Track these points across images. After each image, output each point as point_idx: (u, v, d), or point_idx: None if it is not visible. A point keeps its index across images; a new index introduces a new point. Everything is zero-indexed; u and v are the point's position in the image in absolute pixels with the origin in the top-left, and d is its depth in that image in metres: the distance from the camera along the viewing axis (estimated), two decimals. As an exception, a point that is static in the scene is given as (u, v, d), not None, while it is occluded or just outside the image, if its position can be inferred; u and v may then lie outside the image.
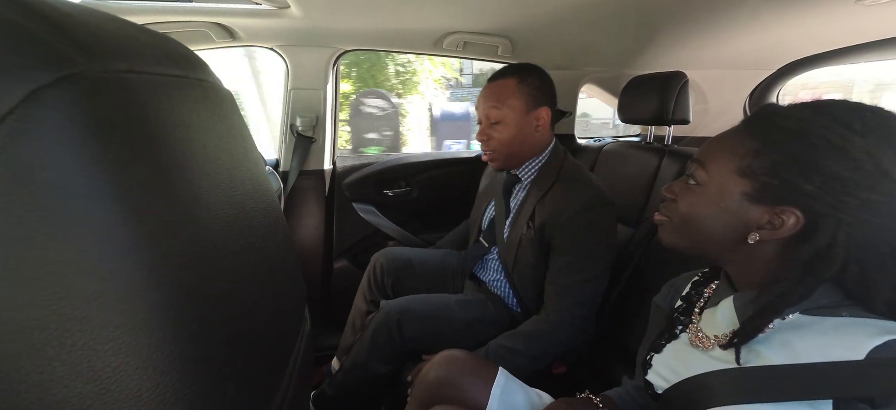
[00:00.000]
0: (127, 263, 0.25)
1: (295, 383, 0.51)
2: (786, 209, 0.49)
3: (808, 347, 0.47)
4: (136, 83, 0.29)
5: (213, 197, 0.36)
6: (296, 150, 1.48)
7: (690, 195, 0.57)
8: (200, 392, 0.28)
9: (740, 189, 0.52)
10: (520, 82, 1.02)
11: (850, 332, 0.45)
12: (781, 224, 0.49)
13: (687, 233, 0.58)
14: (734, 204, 0.52)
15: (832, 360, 0.45)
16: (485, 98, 1.05)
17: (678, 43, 1.34)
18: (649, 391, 0.63)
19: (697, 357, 0.57)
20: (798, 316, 0.50)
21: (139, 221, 0.25)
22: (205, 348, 0.30)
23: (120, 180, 0.25)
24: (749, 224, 0.52)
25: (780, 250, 0.52)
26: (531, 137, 1.05)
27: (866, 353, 0.43)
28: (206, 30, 1.20)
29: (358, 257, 1.65)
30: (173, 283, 0.27)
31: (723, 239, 0.54)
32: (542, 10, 1.15)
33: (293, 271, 0.57)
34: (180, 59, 0.39)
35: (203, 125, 0.38)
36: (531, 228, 1.02)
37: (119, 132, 0.26)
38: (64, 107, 0.22)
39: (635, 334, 0.74)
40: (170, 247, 0.28)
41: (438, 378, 0.80)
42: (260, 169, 0.52)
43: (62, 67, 0.23)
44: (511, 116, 1.02)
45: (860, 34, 1.21)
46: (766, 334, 0.51)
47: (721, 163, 0.54)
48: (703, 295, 0.64)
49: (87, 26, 0.27)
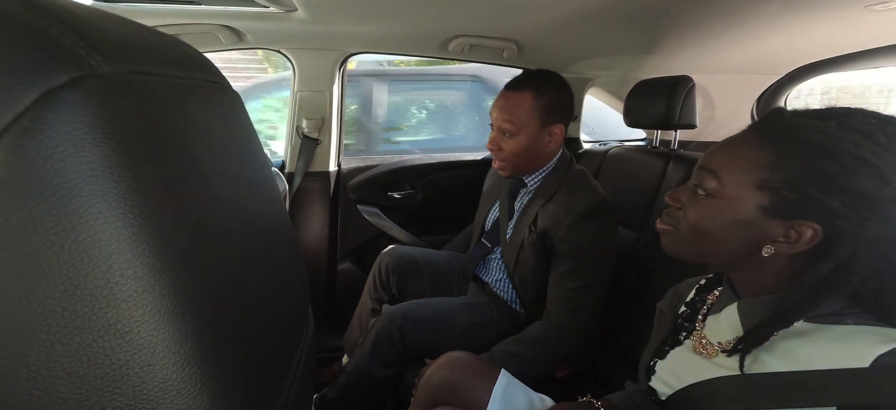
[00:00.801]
0: (135, 263, 0.25)
1: (298, 384, 0.51)
2: (803, 223, 0.48)
3: (812, 354, 0.47)
4: (146, 85, 0.30)
5: (220, 197, 0.37)
6: (301, 152, 1.49)
7: (700, 205, 0.55)
8: (204, 391, 0.29)
9: (757, 202, 0.50)
10: (536, 98, 1.00)
11: (856, 340, 0.45)
12: (798, 237, 0.48)
13: (695, 244, 0.56)
14: (750, 216, 0.51)
15: (837, 367, 0.44)
16: (500, 109, 1.04)
17: (685, 47, 1.33)
18: (653, 397, 0.63)
19: (701, 363, 0.57)
20: (802, 323, 0.49)
21: (148, 222, 0.26)
22: (209, 348, 0.30)
23: (130, 181, 0.25)
24: (764, 237, 0.50)
25: (792, 261, 0.51)
26: (542, 151, 1.05)
27: (871, 361, 0.43)
28: (214, 32, 1.21)
29: (362, 259, 1.65)
30: (179, 284, 0.28)
31: (735, 250, 0.53)
32: (548, 14, 1.16)
33: (298, 272, 0.57)
34: (189, 61, 0.39)
35: (210, 126, 0.39)
36: (533, 232, 1.02)
37: (130, 133, 0.26)
38: (76, 108, 0.23)
39: (639, 339, 0.74)
40: (177, 248, 0.28)
41: (441, 380, 0.81)
42: (266, 170, 0.52)
43: (75, 68, 0.23)
44: (524, 131, 1.01)
45: (869, 39, 1.20)
46: (769, 341, 0.50)
47: (736, 175, 0.52)
48: (707, 301, 0.64)
49: (98, 28, 0.27)
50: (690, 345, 0.60)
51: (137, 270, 0.25)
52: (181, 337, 0.27)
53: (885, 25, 1.08)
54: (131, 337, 0.25)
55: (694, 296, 0.66)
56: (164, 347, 0.26)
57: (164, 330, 0.26)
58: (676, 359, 0.62)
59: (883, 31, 1.12)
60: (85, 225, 0.23)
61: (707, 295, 0.64)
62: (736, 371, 0.52)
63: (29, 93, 0.21)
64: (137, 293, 0.25)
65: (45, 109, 0.22)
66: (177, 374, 0.27)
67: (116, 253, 0.24)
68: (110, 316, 0.24)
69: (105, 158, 0.24)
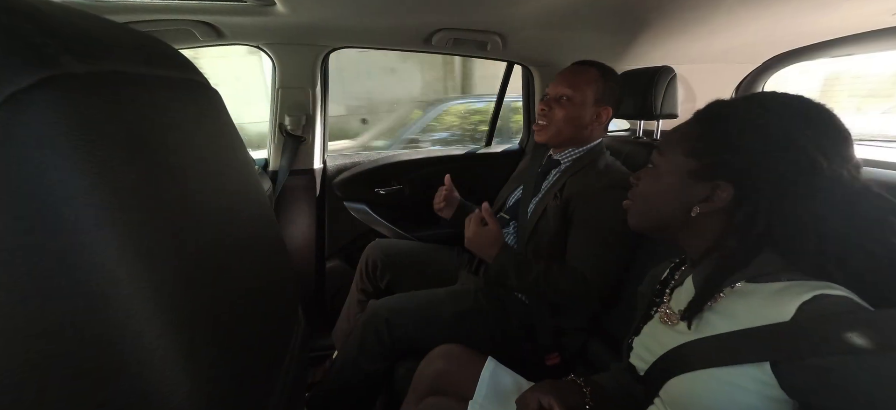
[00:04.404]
0: (116, 268, 0.24)
1: (290, 382, 0.51)
2: (720, 183, 0.55)
3: (749, 312, 0.50)
4: (121, 83, 0.29)
5: (203, 197, 0.36)
6: (285, 150, 1.46)
7: (648, 178, 0.64)
8: (191, 392, 0.28)
9: (686, 167, 0.58)
10: (601, 75, 1.10)
11: (784, 295, 0.48)
12: (716, 196, 0.56)
13: (647, 214, 0.64)
14: (679, 181, 0.59)
15: (766, 323, 0.47)
16: (563, 78, 1.13)
17: (666, 38, 1.35)
18: (633, 374, 0.66)
19: (666, 333, 0.61)
20: (744, 284, 0.53)
21: (127, 223, 0.25)
22: (198, 348, 0.29)
23: (107, 182, 0.24)
24: (692, 199, 0.58)
25: (720, 221, 0.57)
26: (587, 127, 1.11)
27: (794, 311, 0.46)
28: (190, 28, 1.18)
29: (351, 256, 1.64)
30: (161, 284, 0.27)
31: (672, 215, 0.60)
32: (532, 6, 1.16)
33: (285, 271, 0.57)
34: (166, 59, 0.38)
35: (191, 125, 0.38)
36: (559, 198, 1.06)
37: (105, 133, 0.25)
38: (48, 108, 0.22)
39: (627, 325, 0.75)
40: (158, 248, 0.27)
41: (433, 372, 0.85)
42: (249, 169, 0.51)
43: (44, 68, 0.22)
44: (580, 98, 1.09)
45: (846, 27, 1.23)
46: (717, 302, 0.54)
47: (673, 147, 0.60)
48: (675, 277, 0.69)
49: (71, 26, 0.26)
50: (659, 318, 0.64)
51: (116, 271, 0.24)
52: (164, 337, 0.27)
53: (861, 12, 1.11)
54: (111, 338, 0.24)
55: (667, 275, 0.70)
56: (146, 348, 0.26)
57: (146, 331, 0.26)
58: (648, 334, 0.66)
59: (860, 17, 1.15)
60: (60, 228, 0.22)
61: (676, 273, 0.69)
62: (692, 336, 0.55)
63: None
64: (117, 294, 0.24)
65: (14, 110, 0.21)
66: (166, 375, 0.26)
67: (97, 258, 0.23)
68: (88, 318, 0.23)
69: (80, 159, 0.23)
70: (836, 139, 0.51)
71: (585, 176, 1.06)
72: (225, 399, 0.32)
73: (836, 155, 0.50)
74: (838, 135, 0.51)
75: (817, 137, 0.50)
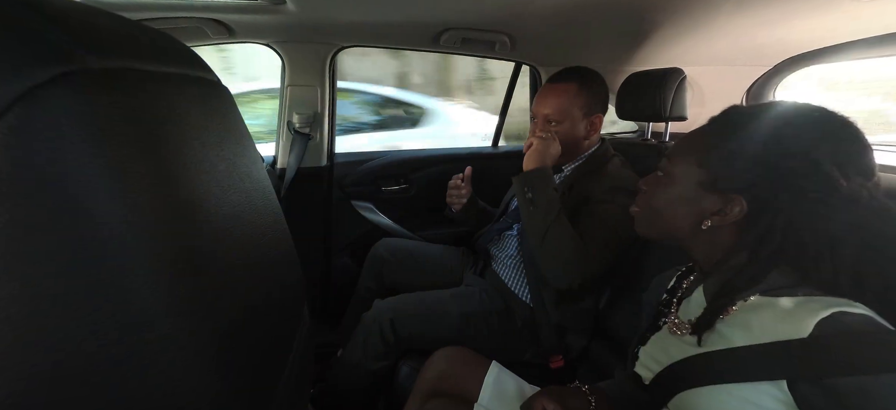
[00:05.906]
0: (129, 260, 0.25)
1: (295, 378, 0.51)
2: (733, 197, 0.53)
3: (763, 326, 0.48)
4: (134, 80, 0.29)
5: (211, 193, 0.36)
6: (293, 147, 1.47)
7: (658, 186, 0.62)
8: (195, 387, 0.29)
9: (697, 178, 0.56)
10: (580, 88, 1.08)
11: (801, 310, 0.46)
12: (729, 210, 0.53)
13: (655, 223, 0.62)
14: (690, 192, 0.57)
15: (782, 339, 0.46)
16: (545, 97, 1.10)
17: (676, 39, 1.34)
18: (638, 383, 0.65)
19: (675, 344, 0.59)
20: (758, 297, 0.52)
21: (137, 218, 0.25)
22: (205, 342, 0.30)
23: (118, 177, 0.24)
24: (704, 211, 0.56)
25: (733, 234, 0.55)
26: (584, 139, 1.11)
27: (812, 328, 0.44)
28: (201, 26, 1.19)
29: (357, 253, 1.64)
30: (170, 279, 0.27)
31: (683, 225, 0.58)
32: (541, 6, 1.15)
33: (292, 268, 0.57)
34: (178, 56, 0.39)
35: (200, 122, 0.38)
36: (567, 196, 1.05)
37: (118, 129, 0.25)
38: (62, 104, 0.22)
39: (632, 330, 0.75)
40: (167, 243, 0.28)
41: (436, 373, 0.85)
42: (258, 166, 0.52)
43: (60, 64, 0.23)
44: (568, 121, 1.08)
45: (860, 30, 1.21)
46: (730, 315, 0.52)
47: (685, 156, 0.58)
48: (683, 285, 0.67)
49: (85, 22, 0.27)
50: (667, 328, 0.63)
51: (126, 266, 0.25)
52: (176, 332, 0.27)
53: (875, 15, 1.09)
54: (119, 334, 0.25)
55: (674, 283, 0.69)
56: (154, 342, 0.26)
57: (155, 326, 0.26)
58: (656, 344, 0.64)
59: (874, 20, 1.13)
60: (72, 223, 0.23)
61: (684, 281, 0.68)
62: (703, 349, 0.54)
63: (12, 90, 0.21)
64: (126, 289, 0.25)
65: (30, 106, 0.21)
66: (175, 368, 0.27)
67: (104, 250, 0.24)
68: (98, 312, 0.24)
69: (93, 155, 0.23)
70: (857, 155, 0.49)
71: (593, 178, 1.06)
72: (229, 394, 0.33)
73: (856, 173, 0.48)
74: (859, 150, 0.49)
75: (837, 154, 0.48)
